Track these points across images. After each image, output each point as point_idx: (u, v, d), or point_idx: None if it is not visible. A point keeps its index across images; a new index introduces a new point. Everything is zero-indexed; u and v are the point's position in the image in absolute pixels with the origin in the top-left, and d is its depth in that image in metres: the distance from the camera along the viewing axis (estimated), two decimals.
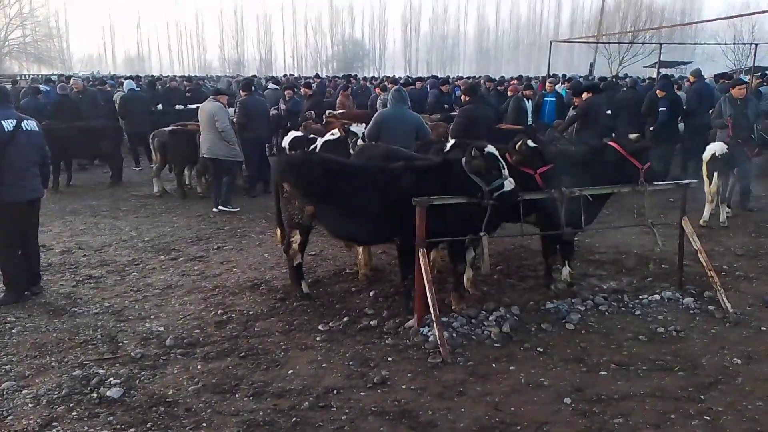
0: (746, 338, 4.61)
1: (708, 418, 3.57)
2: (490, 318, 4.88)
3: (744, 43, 32.03)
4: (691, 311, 5.07)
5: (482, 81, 18.01)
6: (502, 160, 4.62)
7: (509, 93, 12.52)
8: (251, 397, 3.81)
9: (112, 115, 12.69)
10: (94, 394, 3.84)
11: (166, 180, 10.35)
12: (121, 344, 4.57)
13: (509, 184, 4.56)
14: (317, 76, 27.24)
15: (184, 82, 17.88)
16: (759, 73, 20.20)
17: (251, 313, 5.11)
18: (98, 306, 5.31)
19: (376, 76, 40.75)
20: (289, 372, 4.12)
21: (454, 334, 4.62)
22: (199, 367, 4.22)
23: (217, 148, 8.54)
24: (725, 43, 34.21)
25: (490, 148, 4.59)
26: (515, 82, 16.97)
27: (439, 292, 5.11)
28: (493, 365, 4.20)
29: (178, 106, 13.81)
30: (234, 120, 9.21)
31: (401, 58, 69.13)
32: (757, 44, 21.97)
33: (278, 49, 73.01)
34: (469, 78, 25.86)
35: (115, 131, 11.38)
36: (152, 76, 31.90)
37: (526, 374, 4.07)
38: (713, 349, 4.43)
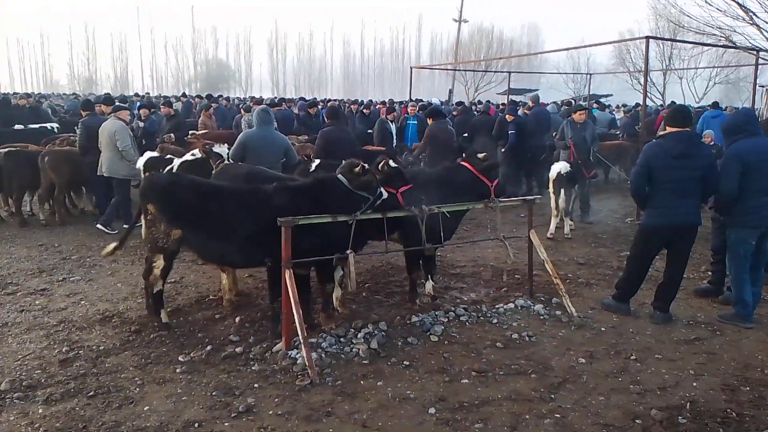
0: (589, 339, 5.05)
1: (558, 416, 3.84)
2: (359, 335, 4.90)
3: (581, 73, 35.69)
4: (541, 317, 5.46)
5: (347, 104, 18.38)
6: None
7: (382, 116, 12.87)
8: None
9: None
10: None
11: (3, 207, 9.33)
12: None
13: (384, 192, 4.86)
14: (184, 95, 26.14)
15: (28, 99, 16.31)
16: (593, 100, 22.60)
17: (101, 348, 4.71)
18: None
19: (243, 96, 40.04)
20: (145, 408, 3.84)
21: (323, 355, 4.58)
22: (40, 411, 3.79)
23: (117, 167, 8.28)
24: (565, 73, 37.92)
25: (365, 165, 4.83)
26: (380, 105, 17.49)
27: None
28: (362, 382, 4.22)
29: (17, 126, 12.57)
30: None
31: (269, 80, 68.56)
32: (591, 74, 24.61)
33: (135, 68, 69.28)
34: (336, 101, 26.19)
35: None
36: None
37: (393, 389, 4.13)
38: (561, 351, 4.79)
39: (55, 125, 13.84)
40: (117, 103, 9.97)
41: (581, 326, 5.28)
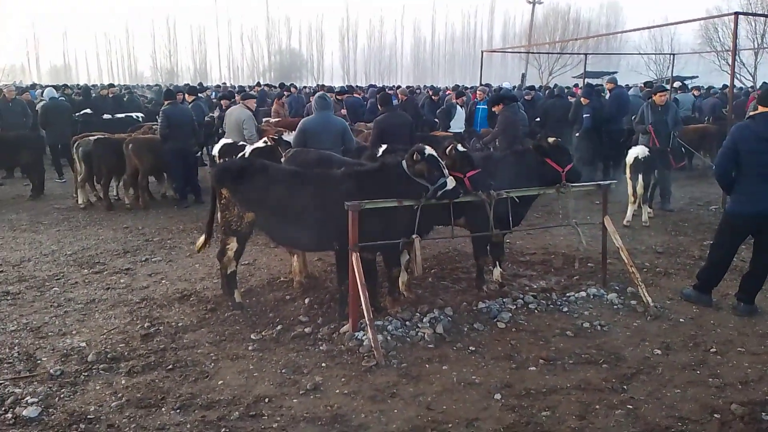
0: (665, 330, 4.84)
1: (630, 407, 3.71)
2: (424, 320, 4.91)
3: (663, 54, 33.88)
4: (615, 306, 5.27)
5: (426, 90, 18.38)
6: (441, 161, 4.75)
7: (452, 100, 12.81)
8: (178, 410, 3.68)
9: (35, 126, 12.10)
10: (9, 415, 3.63)
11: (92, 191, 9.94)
12: (39, 362, 4.33)
13: (451, 182, 4.71)
14: (258, 84, 26.84)
15: (111, 90, 17.25)
16: (678, 83, 21.43)
17: (180, 324, 4.96)
18: (15, 323, 5.01)
19: (315, 85, 40.67)
20: (219, 383, 4.01)
21: (389, 337, 4.62)
22: (122, 382, 4.04)
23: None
24: (646, 53, 36.06)
25: (429, 150, 4.72)
26: (450, 91, 17.35)
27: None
28: (426, 366, 4.23)
29: (105, 116, 13.34)
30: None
31: (340, 68, 69.27)
32: (674, 54, 23.31)
33: (213, 59, 71.82)
34: (408, 87, 26.12)
35: (35, 142, 10.78)
36: (79, 85, 30.69)
37: (457, 373, 4.12)
38: (635, 341, 4.62)
39: (140, 114, 14.60)
40: (246, 92, 10.61)
41: (658, 317, 5.06)
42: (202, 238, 5.55)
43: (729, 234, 5.24)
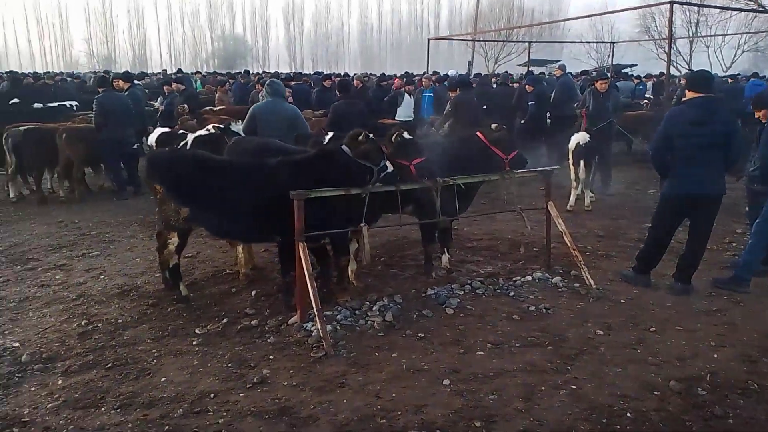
0: (607, 311, 4.98)
1: (573, 387, 3.79)
2: (374, 308, 4.90)
3: (603, 42, 34.86)
4: (559, 289, 5.39)
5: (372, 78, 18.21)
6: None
7: (394, 88, 12.78)
8: (118, 410, 3.54)
9: None
10: None
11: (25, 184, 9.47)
12: None
13: (389, 165, 4.73)
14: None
15: (55, 78, 16.44)
16: (616, 70, 22.07)
17: (119, 321, 4.77)
18: None
19: (261, 72, 39.83)
20: (161, 380, 3.88)
21: (338, 327, 4.58)
22: (59, 382, 3.86)
23: None
24: (587, 42, 37.01)
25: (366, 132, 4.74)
26: (397, 79, 17.31)
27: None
28: (376, 354, 4.21)
29: (36, 105, 12.68)
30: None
31: (286, 54, 68.14)
32: (614, 43, 24.01)
33: (153, 45, 69.32)
34: (356, 74, 25.83)
35: None
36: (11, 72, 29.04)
37: (406, 360, 4.11)
38: (578, 322, 4.73)
39: (74, 103, 13.94)
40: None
41: (599, 298, 5.20)
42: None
43: (666, 216, 5.42)
